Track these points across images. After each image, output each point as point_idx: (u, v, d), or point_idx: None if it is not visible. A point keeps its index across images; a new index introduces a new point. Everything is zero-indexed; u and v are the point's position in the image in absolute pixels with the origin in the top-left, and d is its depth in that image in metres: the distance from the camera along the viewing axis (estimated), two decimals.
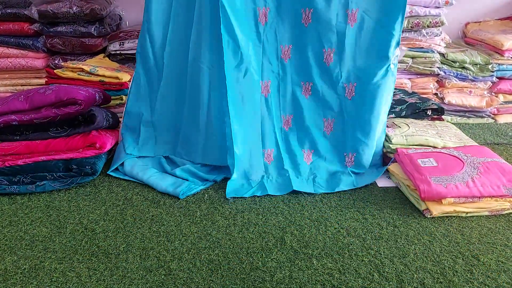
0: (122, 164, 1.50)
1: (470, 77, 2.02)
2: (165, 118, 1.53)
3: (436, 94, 2.08)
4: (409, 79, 2.06)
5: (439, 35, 1.99)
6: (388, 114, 1.70)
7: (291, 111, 1.44)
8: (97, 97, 1.48)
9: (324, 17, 1.33)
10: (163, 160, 1.53)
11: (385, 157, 1.51)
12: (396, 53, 1.36)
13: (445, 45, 2.05)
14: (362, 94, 1.38)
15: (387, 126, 1.54)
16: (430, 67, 2.01)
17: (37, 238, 1.15)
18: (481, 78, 2.03)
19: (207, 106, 1.40)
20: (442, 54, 2.03)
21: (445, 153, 1.39)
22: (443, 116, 1.79)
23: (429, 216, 1.25)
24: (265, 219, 1.24)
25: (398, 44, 1.34)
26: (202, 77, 1.37)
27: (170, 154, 1.56)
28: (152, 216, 1.25)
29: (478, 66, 2.02)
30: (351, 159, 1.39)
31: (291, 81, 1.40)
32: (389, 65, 1.35)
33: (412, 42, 1.98)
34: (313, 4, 1.32)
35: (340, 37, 1.35)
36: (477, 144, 1.55)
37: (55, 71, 1.72)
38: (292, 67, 1.39)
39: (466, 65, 2.01)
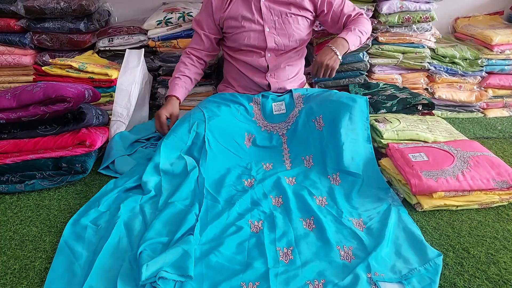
0: (113, 162, 1.48)
1: (460, 72, 2.04)
2: None
3: (426, 89, 2.10)
4: (399, 74, 2.07)
5: (429, 30, 1.99)
6: (380, 109, 1.71)
7: None
8: (86, 94, 1.45)
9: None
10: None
11: (377, 152, 1.52)
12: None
13: (435, 40, 2.06)
14: None
15: (379, 121, 1.55)
16: (421, 62, 2.02)
17: (27, 237, 1.14)
18: (470, 73, 2.05)
19: None
20: (432, 49, 2.04)
21: (436, 148, 1.41)
22: (433, 111, 1.80)
23: (420, 210, 1.26)
24: None
25: None
26: None
27: None
28: None
29: (467, 61, 2.04)
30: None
31: None
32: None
33: (402, 37, 1.98)
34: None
35: None
36: (467, 138, 1.56)
37: (43, 68, 1.68)
38: None
39: (456, 60, 2.03)
